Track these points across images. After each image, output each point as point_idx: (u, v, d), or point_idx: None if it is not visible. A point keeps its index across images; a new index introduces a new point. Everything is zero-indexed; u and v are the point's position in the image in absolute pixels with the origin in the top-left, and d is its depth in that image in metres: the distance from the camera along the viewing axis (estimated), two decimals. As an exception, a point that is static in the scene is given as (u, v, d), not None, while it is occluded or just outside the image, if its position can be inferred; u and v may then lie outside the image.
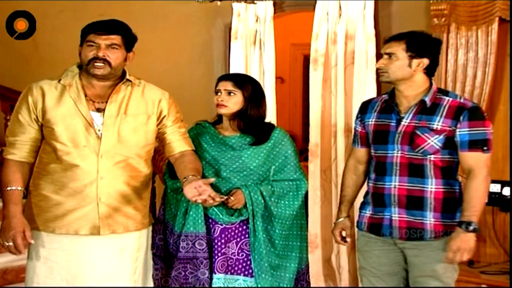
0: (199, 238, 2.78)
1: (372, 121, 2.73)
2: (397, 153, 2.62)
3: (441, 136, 2.55)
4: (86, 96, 2.58)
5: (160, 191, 3.81)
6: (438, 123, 2.56)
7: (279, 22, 4.55)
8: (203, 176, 2.82)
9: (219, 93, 2.89)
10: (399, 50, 2.59)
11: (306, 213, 2.96)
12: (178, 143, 2.75)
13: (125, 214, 2.61)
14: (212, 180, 2.62)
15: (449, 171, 2.60)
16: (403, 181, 2.61)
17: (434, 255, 2.60)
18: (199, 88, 4.69)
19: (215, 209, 2.81)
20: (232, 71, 4.42)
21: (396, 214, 2.63)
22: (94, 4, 4.68)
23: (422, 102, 2.60)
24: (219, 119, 2.99)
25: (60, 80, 2.60)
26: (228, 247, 2.82)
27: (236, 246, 2.83)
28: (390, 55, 2.61)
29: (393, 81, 2.64)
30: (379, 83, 4.12)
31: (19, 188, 2.53)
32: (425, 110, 2.59)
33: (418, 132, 2.57)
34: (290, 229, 2.91)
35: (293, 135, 6.48)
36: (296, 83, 6.99)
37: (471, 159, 2.54)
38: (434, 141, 2.55)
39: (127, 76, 2.67)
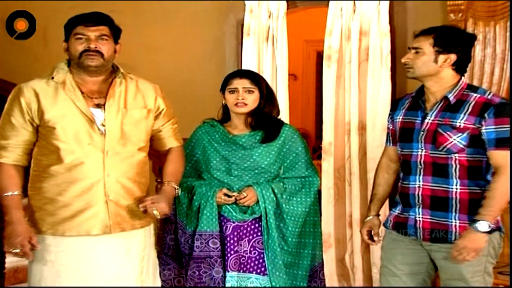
0: (213, 237, 2.80)
1: (399, 118, 2.69)
2: (421, 151, 2.56)
3: (465, 134, 2.48)
4: (82, 93, 2.55)
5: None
6: (461, 120, 2.48)
7: (292, 18, 4.52)
8: (215, 175, 2.86)
9: (235, 92, 2.87)
10: (426, 44, 2.52)
11: (320, 211, 2.95)
12: (170, 139, 2.76)
13: (132, 212, 2.60)
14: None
15: (477, 171, 2.52)
16: (427, 180, 2.56)
17: None
18: (210, 85, 4.66)
19: (228, 207, 2.83)
20: (244, 68, 4.39)
21: (420, 215, 2.58)
22: (104, 1, 4.68)
23: (446, 99, 2.54)
24: (226, 117, 2.98)
25: (52, 77, 2.55)
26: (240, 245, 2.83)
27: (248, 244, 2.84)
28: (416, 49, 2.55)
29: (419, 77, 2.58)
30: (394, 80, 4.11)
31: (18, 192, 2.49)
32: (450, 107, 2.52)
33: (440, 130, 2.51)
34: (302, 226, 2.90)
35: (306, 133, 6.48)
36: (309, 80, 6.97)
37: (499, 157, 2.45)
38: (457, 140, 2.48)
39: (122, 71, 2.65)
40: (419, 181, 2.57)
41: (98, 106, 2.55)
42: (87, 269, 2.52)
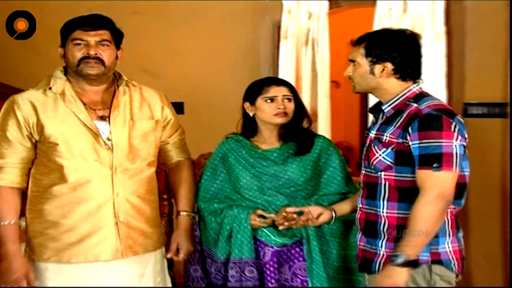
0: (249, 264, 2.74)
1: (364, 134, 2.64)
2: (363, 170, 2.52)
3: (389, 150, 2.38)
4: (84, 104, 2.53)
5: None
6: (387, 134, 2.39)
7: (334, 19, 4.52)
8: (246, 196, 2.83)
9: (274, 100, 2.82)
10: (359, 56, 2.46)
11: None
12: (177, 152, 2.80)
13: (143, 233, 2.60)
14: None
15: (410, 193, 2.36)
16: (363, 203, 2.50)
17: None
18: (243, 95, 4.68)
19: (265, 230, 2.77)
20: (281, 74, 4.39)
21: (358, 241, 2.53)
22: (127, 1, 4.71)
23: (382, 110, 2.47)
24: (252, 130, 2.92)
25: (50, 88, 2.52)
26: (281, 272, 2.77)
27: (289, 271, 2.76)
28: (353, 62, 2.50)
29: (363, 91, 2.53)
30: (450, 88, 4.03)
31: (14, 221, 2.47)
32: (387, 119, 2.44)
33: (372, 145, 2.45)
34: (347, 249, 2.82)
35: (349, 146, 6.44)
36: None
37: (419, 177, 2.32)
38: (382, 156, 2.40)
39: (125, 79, 2.64)
40: (359, 204, 2.52)
41: (102, 118, 2.54)
42: None
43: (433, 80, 4.00)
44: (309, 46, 4.39)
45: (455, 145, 2.31)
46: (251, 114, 2.88)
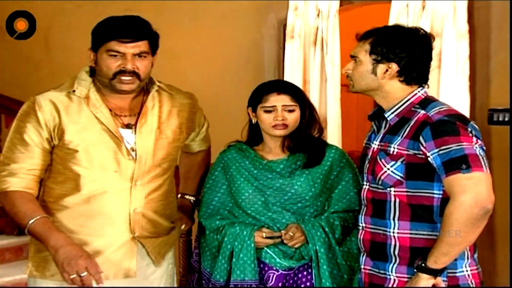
0: (252, 287, 2.71)
1: (364, 143, 2.60)
2: (366, 185, 2.48)
3: (398, 163, 2.35)
4: (110, 110, 2.54)
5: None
6: (395, 145, 2.36)
7: (345, 17, 4.50)
8: (248, 211, 2.81)
9: (273, 111, 2.80)
10: (362, 52, 2.43)
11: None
12: (199, 144, 2.94)
13: (158, 250, 2.63)
14: None
15: (425, 211, 2.35)
16: (368, 222, 2.46)
17: None
18: (246, 99, 4.66)
19: (269, 251, 2.74)
20: (287, 77, 4.39)
21: (362, 265, 2.50)
22: (119, -1, 4.73)
23: (385, 118, 2.44)
24: (256, 138, 2.91)
25: (74, 90, 2.53)
26: (287, 299, 2.67)
27: None
28: (354, 58, 2.47)
29: (361, 91, 2.49)
30: (473, 92, 4.02)
31: (45, 215, 2.42)
32: (392, 128, 2.41)
33: (378, 158, 2.41)
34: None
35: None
36: (366, 92, 6.92)
37: (448, 185, 2.26)
38: (391, 169, 2.36)
39: (157, 83, 2.64)
40: (362, 222, 2.49)
41: (127, 126, 2.56)
42: None
43: (455, 83, 3.98)
44: (318, 46, 4.40)
45: (476, 147, 2.26)
46: (253, 121, 2.88)
